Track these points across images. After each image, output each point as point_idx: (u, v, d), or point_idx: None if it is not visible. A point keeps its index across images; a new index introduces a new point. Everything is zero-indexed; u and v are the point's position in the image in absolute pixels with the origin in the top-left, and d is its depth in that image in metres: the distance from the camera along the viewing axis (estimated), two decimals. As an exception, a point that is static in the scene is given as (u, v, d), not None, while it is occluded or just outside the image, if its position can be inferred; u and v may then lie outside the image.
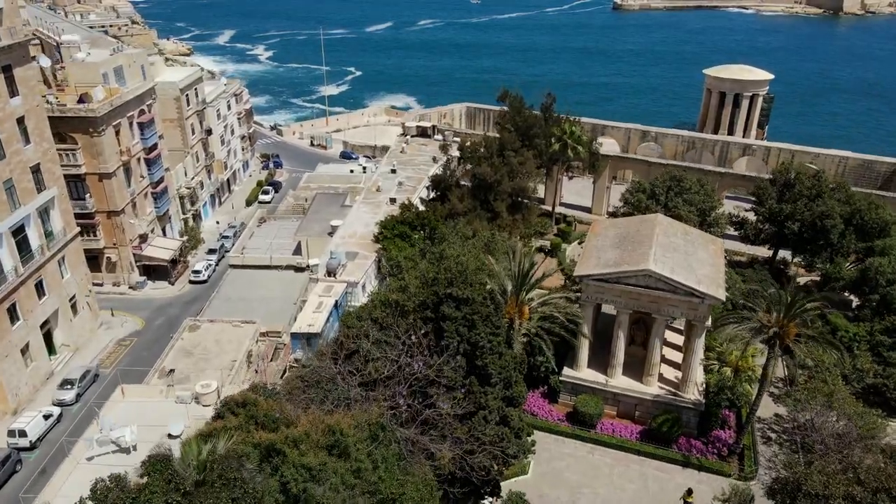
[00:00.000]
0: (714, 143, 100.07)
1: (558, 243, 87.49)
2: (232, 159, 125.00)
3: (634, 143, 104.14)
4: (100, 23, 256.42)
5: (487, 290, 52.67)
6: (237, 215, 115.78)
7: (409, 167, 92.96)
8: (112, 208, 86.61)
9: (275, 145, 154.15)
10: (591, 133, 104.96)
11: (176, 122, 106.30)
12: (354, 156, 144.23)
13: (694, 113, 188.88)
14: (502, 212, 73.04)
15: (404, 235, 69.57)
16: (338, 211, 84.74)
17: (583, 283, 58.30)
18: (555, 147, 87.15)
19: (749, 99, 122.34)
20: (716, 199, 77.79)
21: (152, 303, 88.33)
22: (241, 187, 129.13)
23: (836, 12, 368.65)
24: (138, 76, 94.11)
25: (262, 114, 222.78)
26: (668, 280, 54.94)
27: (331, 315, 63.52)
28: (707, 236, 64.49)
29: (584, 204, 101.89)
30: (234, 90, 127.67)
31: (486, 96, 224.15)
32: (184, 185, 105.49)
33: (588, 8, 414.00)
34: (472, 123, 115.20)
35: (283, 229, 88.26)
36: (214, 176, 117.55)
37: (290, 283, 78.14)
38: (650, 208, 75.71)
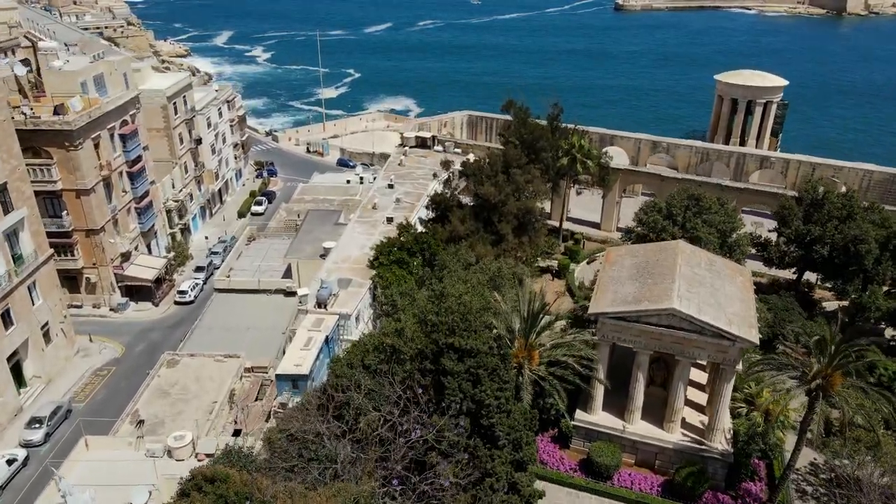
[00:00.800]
0: (729, 154, 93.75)
1: (566, 263, 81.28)
2: (224, 169, 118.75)
3: (645, 153, 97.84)
4: (95, 24, 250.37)
5: (494, 336, 46.52)
6: (228, 228, 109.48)
7: (407, 181, 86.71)
8: (91, 226, 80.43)
9: (270, 152, 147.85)
10: (600, 143, 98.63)
11: (163, 131, 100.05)
12: (352, 163, 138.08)
13: (702, 118, 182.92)
14: (507, 234, 66.86)
15: (402, 262, 63.38)
16: (331, 230, 78.55)
17: (598, 321, 52.07)
18: (563, 161, 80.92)
19: (762, 106, 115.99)
20: (737, 219, 71.49)
21: (134, 326, 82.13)
22: (233, 198, 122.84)
23: (840, 13, 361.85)
24: (120, 84, 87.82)
25: (260, 117, 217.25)
26: (694, 320, 48.74)
27: (321, 352, 57.37)
28: (734, 266, 58.22)
29: (592, 219, 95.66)
30: (225, 96, 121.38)
31: (487, 100, 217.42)
32: (171, 198, 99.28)
33: (589, 8, 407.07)
34: (473, 132, 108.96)
35: (273, 249, 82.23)
36: (205, 187, 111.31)
37: (279, 310, 72.12)
38: (666, 229, 69.47)
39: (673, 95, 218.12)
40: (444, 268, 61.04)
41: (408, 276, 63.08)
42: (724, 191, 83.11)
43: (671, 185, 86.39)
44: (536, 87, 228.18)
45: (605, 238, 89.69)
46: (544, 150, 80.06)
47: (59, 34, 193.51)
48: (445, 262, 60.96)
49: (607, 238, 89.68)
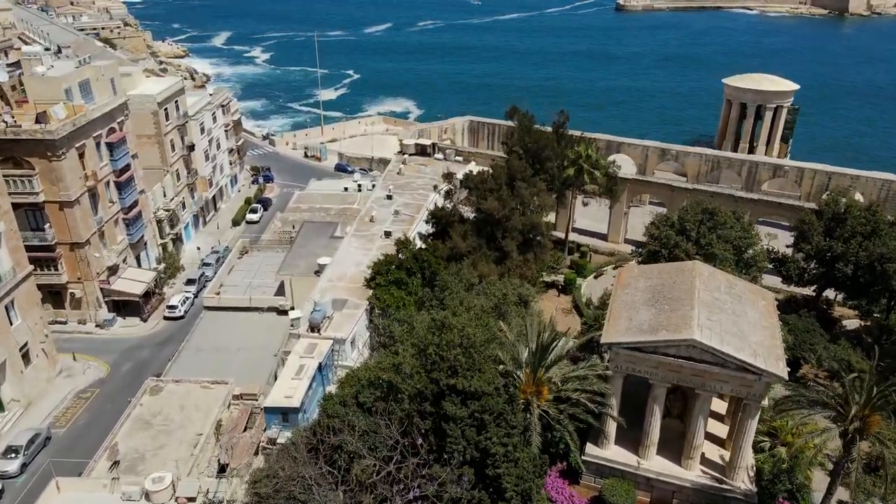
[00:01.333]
0: (741, 163, 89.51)
1: (573, 278, 77.06)
2: (218, 175, 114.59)
3: (653, 161, 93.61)
4: (91, 25, 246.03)
5: (500, 371, 42.43)
6: (222, 237, 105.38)
7: (406, 192, 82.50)
8: (75, 240, 76.33)
9: (267, 157, 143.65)
10: (606, 151, 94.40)
11: (154, 138, 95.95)
12: (350, 168, 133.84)
13: (708, 121, 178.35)
14: (512, 251, 62.69)
15: (400, 282, 59.24)
16: (326, 244, 74.37)
17: (611, 350, 47.89)
18: (569, 172, 76.73)
19: (772, 111, 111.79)
20: (754, 234, 67.29)
21: (121, 343, 78.02)
22: (228, 204, 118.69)
23: (842, 13, 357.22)
24: (107, 91, 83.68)
25: (259, 118, 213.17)
26: (716, 352, 44.59)
27: (314, 380, 53.28)
28: (755, 289, 54.03)
29: (599, 230, 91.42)
30: (220, 100, 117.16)
31: (488, 102, 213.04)
32: (162, 207, 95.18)
33: (591, 8, 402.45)
34: (475, 139, 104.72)
35: (266, 263, 78.15)
36: (198, 195, 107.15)
37: (272, 329, 67.97)
38: (680, 245, 65.29)
39: (677, 97, 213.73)
40: (444, 289, 56.95)
41: (407, 298, 58.97)
42: (737, 202, 78.90)
43: (682, 196, 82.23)
44: (538, 89, 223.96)
45: (613, 250, 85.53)
46: (549, 160, 75.91)
47: (54, 35, 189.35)
48: (446, 283, 56.83)
49: (614, 250, 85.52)
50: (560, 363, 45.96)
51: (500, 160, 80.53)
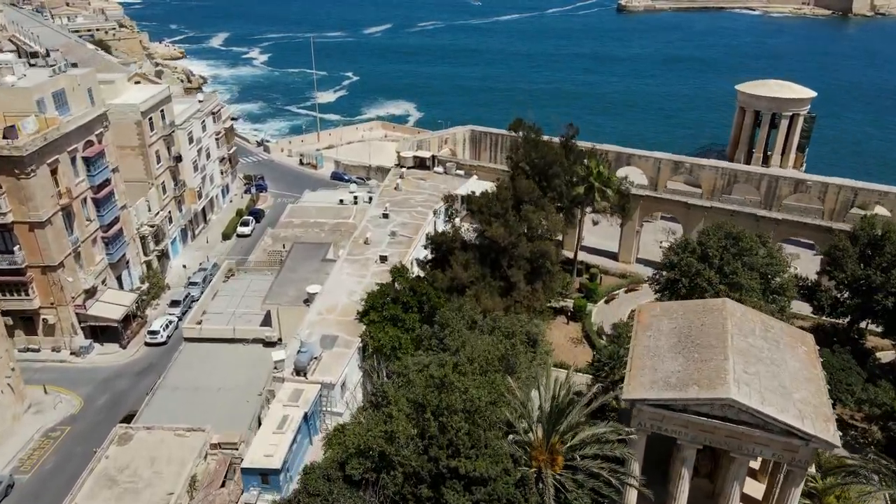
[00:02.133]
0: (760, 177, 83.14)
1: (582, 304, 70.76)
2: (208, 186, 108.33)
3: (665, 174, 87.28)
4: (86, 26, 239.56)
5: (509, 441, 36.25)
6: (211, 252, 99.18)
7: (403, 210, 76.20)
8: (47, 262, 70.17)
9: (260, 164, 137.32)
10: (615, 163, 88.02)
11: (137, 149, 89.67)
12: (347, 177, 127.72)
13: (718, 127, 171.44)
14: (519, 282, 56.43)
15: (396, 319, 53.01)
16: (318, 268, 68.11)
17: (635, 407, 41.66)
18: (578, 190, 70.47)
19: (788, 119, 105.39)
20: (782, 261, 61.00)
21: (97, 373, 71.92)
22: (220, 216, 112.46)
23: (846, 13, 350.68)
24: (84, 101, 77.39)
25: (256, 122, 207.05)
26: (757, 414, 38.43)
27: (298, 432, 47.10)
28: (793, 332, 47.77)
29: (608, 248, 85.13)
30: (210, 107, 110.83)
31: (489, 106, 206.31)
32: (146, 222, 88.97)
33: (592, 9, 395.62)
34: (476, 149, 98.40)
35: (252, 288, 71.76)
36: (186, 207, 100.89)
37: (257, 364, 61.67)
38: (702, 274, 59.01)
39: (685, 102, 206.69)
40: (445, 326, 50.68)
41: (403, 336, 52.77)
42: (758, 222, 72.64)
43: (698, 214, 75.99)
44: (540, 93, 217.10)
45: (624, 271, 79.25)
46: (557, 177, 69.60)
47: (45, 38, 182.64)
48: (447, 321, 50.58)
49: (626, 271, 79.25)
50: (577, 425, 39.62)
51: (504, 177, 74.20)
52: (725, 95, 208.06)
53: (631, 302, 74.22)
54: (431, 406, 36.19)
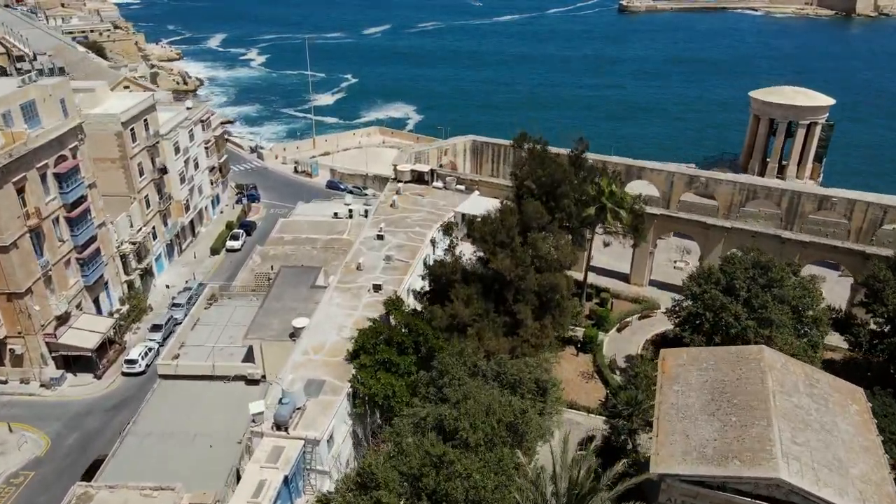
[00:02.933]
0: (781, 192, 76.96)
1: (593, 335, 64.48)
2: (196, 198, 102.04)
3: (679, 189, 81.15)
4: (80, 28, 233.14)
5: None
6: (198, 270, 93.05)
7: (400, 230, 69.92)
8: (13, 289, 63.96)
9: (254, 172, 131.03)
10: (625, 176, 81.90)
11: (118, 162, 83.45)
12: (343, 186, 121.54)
13: (728, 130, 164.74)
14: (526, 318, 50.25)
15: (389, 364, 46.83)
16: (306, 295, 61.93)
17: (664, 481, 35.49)
18: (589, 211, 64.21)
19: (805, 127, 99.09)
20: (817, 294, 54.81)
21: (68, 408, 65.73)
22: (209, 228, 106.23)
23: (849, 14, 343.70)
24: (57, 113, 71.02)
25: (252, 124, 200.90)
26: (811, 497, 32.22)
27: (278, 498, 40.91)
28: (841, 386, 41.61)
29: (619, 269, 78.81)
30: (199, 115, 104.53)
31: (490, 111, 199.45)
32: (128, 239, 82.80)
33: (593, 9, 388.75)
34: (478, 161, 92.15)
35: (235, 318, 65.51)
36: (172, 221, 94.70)
37: (238, 405, 55.34)
38: (727, 308, 52.84)
39: (692, 106, 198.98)
40: (444, 373, 44.55)
41: (397, 384, 46.59)
42: (783, 244, 66.35)
43: (717, 235, 69.70)
44: (542, 98, 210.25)
45: (637, 295, 72.97)
46: (566, 197, 63.30)
47: (35, 40, 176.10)
48: (446, 367, 44.43)
49: (639, 295, 72.97)
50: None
51: (508, 192, 68.01)
52: (734, 100, 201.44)
53: (645, 330, 68.04)
54: (428, 489, 30.05)
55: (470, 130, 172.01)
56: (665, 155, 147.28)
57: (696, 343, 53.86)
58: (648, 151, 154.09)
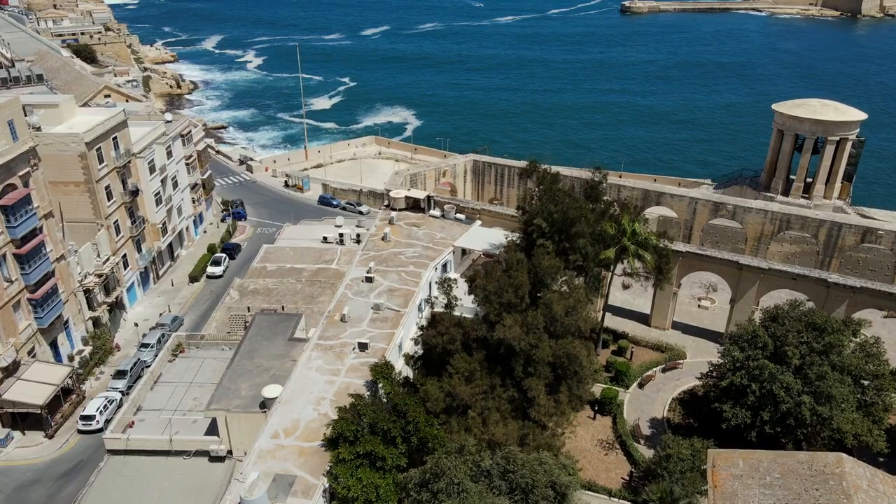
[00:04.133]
0: (818, 223, 67.63)
1: (613, 395, 55.11)
2: (175, 219, 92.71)
3: (702, 217, 71.88)
4: (70, 31, 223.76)
5: None
6: (173, 301, 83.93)
7: (391, 269, 60.57)
8: (-53, 341, 54.80)
9: (242, 186, 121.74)
10: (642, 202, 72.63)
11: (82, 185, 74.28)
12: (335, 202, 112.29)
13: (744, 141, 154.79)
14: (538, 395, 41.04)
15: (374, 458, 37.65)
16: (282, 351, 52.72)
17: None
18: (608, 254, 54.93)
19: (834, 144, 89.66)
20: (884, 360, 45.53)
21: (11, 475, 56.62)
22: (191, 250, 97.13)
23: (854, 15, 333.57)
24: (5, 136, 61.78)
25: (247, 130, 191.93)
26: None
27: None
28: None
29: (637, 308, 69.43)
30: (179, 129, 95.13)
31: (490, 119, 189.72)
32: (93, 271, 73.61)
33: (594, 10, 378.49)
34: (479, 183, 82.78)
35: (201, 378, 56.20)
36: (147, 247, 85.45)
37: (199, 486, 46.30)
38: (777, 378, 43.55)
39: (703, 114, 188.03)
40: (440, 475, 35.33)
41: (381, 482, 37.36)
42: (829, 289, 57.03)
43: (752, 276, 60.29)
44: (544, 105, 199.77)
45: (659, 341, 63.53)
46: (581, 236, 54.04)
47: (18, 45, 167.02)
48: (443, 468, 35.20)
49: (661, 342, 63.55)
50: None
51: (515, 229, 58.72)
52: (749, 107, 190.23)
53: (671, 385, 58.77)
54: None
55: (471, 139, 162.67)
56: (676, 168, 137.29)
57: (738, 418, 44.73)
58: (658, 166, 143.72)
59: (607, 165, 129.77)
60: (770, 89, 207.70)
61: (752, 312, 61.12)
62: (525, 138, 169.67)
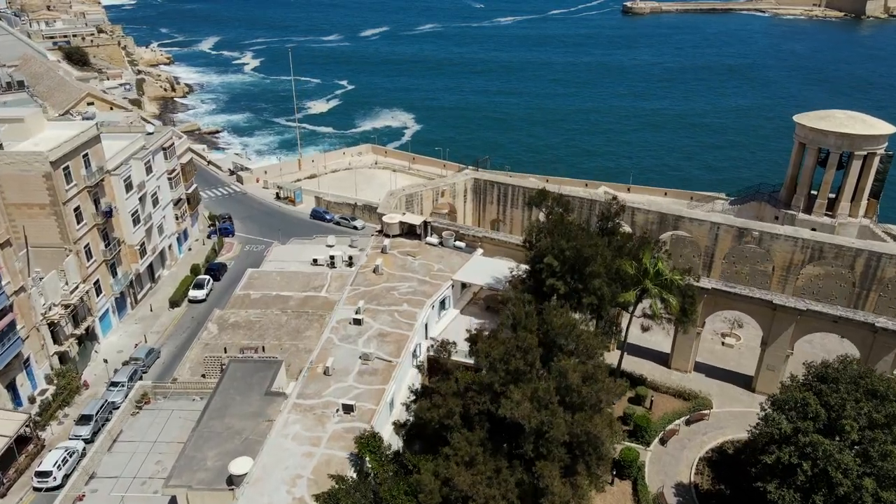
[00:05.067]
0: (856, 253, 60.44)
1: (633, 457, 47.91)
2: (155, 239, 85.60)
3: (725, 244, 64.71)
4: (62, 32, 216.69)
5: None
6: (151, 329, 76.93)
7: (383, 309, 53.39)
8: None
9: (231, 198, 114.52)
10: (657, 227, 65.48)
11: (48, 208, 67.16)
12: (329, 216, 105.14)
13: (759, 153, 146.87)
14: (552, 482, 33.94)
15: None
16: (257, 409, 45.61)
17: None
18: (628, 297, 47.80)
19: (861, 159, 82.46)
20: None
21: (-44, 545, 49.61)
22: (174, 270, 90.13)
23: (858, 16, 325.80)
24: (-48, 158, 54.63)
25: (241, 135, 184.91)
26: None
27: None
28: None
29: (656, 346, 61.96)
30: (160, 142, 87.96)
31: (492, 127, 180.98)
32: (60, 301, 66.47)
33: (596, 10, 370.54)
34: (480, 204, 75.60)
35: (167, 435, 49.02)
36: (123, 271, 78.36)
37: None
38: (833, 458, 36.37)
39: (712, 120, 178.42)
40: None
41: None
42: (876, 334, 49.84)
43: (787, 318, 53.07)
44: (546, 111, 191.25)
45: (681, 387, 56.08)
46: (597, 276, 46.85)
47: (6, 48, 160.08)
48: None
49: (683, 388, 56.12)
50: None
51: (523, 263, 51.60)
52: (759, 111, 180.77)
53: (697, 440, 51.60)
54: None
55: (471, 147, 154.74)
56: (687, 179, 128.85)
57: (786, 501, 37.50)
58: (667, 173, 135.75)
59: (614, 175, 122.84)
60: (781, 93, 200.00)
61: (785, 358, 53.95)
62: (528, 143, 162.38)
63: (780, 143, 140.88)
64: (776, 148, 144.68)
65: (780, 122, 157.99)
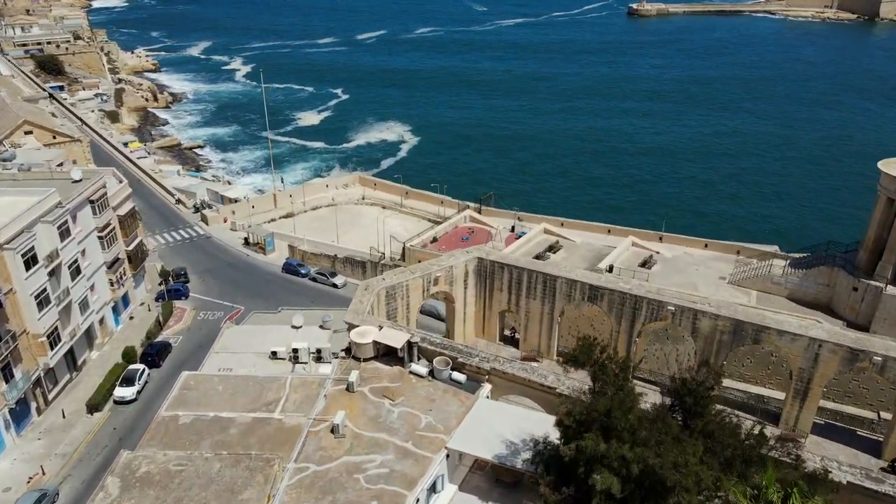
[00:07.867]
0: None
1: None
2: (76, 318, 65.24)
3: (829, 367, 44.60)
4: (36, 39, 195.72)
5: None
6: (58, 448, 56.70)
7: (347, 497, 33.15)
8: None
9: (193, 244, 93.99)
10: (732, 338, 45.03)
11: None
12: (304, 270, 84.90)
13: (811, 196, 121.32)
14: None
15: None
16: None
17: None
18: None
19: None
20: None
21: None
22: (107, 349, 69.92)
23: (872, 18, 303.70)
24: None
25: (224, 150, 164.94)
26: None
27: None
28: None
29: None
30: (89, 192, 67.59)
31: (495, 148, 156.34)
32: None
33: (600, 12, 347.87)
34: (486, 289, 54.93)
35: None
36: (24, 369, 58.04)
37: None
38: None
39: (747, 149, 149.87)
40: None
41: None
42: None
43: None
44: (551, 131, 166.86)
45: None
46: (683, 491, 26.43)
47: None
48: None
49: None
50: None
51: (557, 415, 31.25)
52: (801, 135, 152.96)
53: None
54: None
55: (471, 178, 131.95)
56: (729, 224, 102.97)
57: None
58: (704, 214, 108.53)
59: (642, 218, 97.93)
60: (824, 114, 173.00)
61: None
62: (536, 171, 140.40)
63: (841, 179, 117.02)
64: (837, 186, 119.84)
65: (836, 150, 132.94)
